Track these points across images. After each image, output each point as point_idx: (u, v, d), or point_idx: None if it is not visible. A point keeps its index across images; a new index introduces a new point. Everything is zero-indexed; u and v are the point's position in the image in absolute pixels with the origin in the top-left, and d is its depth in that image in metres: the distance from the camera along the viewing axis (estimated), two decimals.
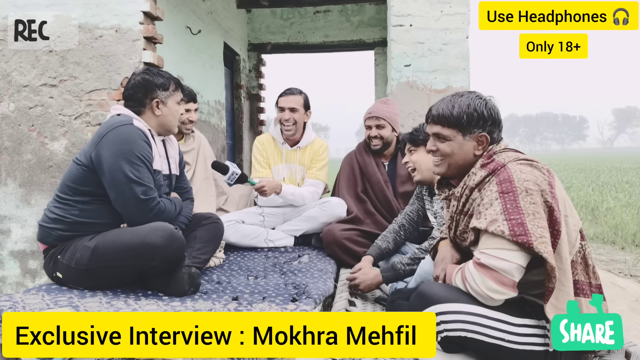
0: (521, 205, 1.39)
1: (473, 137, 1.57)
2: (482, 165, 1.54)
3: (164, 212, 2.09)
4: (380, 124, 2.96)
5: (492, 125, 1.57)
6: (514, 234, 1.36)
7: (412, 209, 2.51)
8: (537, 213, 1.39)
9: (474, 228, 1.48)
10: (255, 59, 7.14)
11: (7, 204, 3.34)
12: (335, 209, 2.99)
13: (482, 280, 1.39)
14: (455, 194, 1.61)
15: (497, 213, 1.41)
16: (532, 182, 1.42)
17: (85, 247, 2.00)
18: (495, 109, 1.58)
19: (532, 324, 1.42)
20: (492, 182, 1.48)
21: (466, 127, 1.56)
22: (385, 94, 4.24)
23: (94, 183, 2.05)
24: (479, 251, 1.44)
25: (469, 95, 1.59)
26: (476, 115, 1.55)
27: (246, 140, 6.89)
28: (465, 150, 1.58)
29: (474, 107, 1.55)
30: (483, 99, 1.58)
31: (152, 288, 2.08)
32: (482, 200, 1.48)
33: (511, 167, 1.48)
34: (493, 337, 1.41)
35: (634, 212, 7.53)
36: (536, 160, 1.52)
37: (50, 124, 3.29)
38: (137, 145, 2.03)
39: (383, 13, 6.57)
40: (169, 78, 2.23)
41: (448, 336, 1.46)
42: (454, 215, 1.63)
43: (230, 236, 2.98)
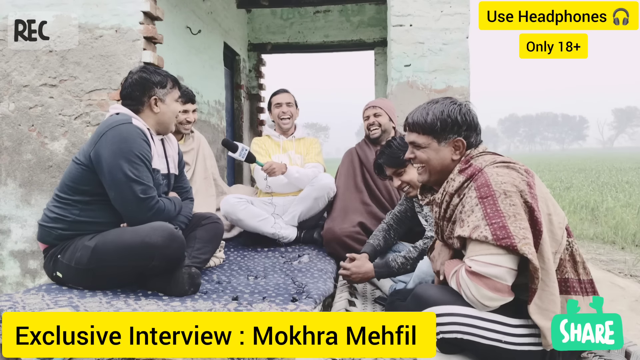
0: (501, 208, 1.40)
1: (449, 143, 1.58)
2: (459, 170, 1.55)
3: (164, 211, 2.09)
4: (377, 112, 3.10)
5: (467, 130, 1.58)
6: (497, 238, 1.37)
7: (401, 210, 2.51)
8: (518, 214, 1.39)
9: (458, 237, 1.49)
10: (255, 59, 7.13)
11: (7, 204, 3.34)
12: (322, 180, 3.11)
13: (477, 289, 1.39)
14: (436, 199, 1.62)
15: (478, 219, 1.42)
16: (509, 184, 1.43)
17: (86, 246, 2.00)
18: (470, 114, 1.59)
19: (529, 324, 1.42)
20: (471, 188, 1.48)
21: (440, 133, 1.58)
22: (386, 94, 4.24)
23: (94, 182, 2.05)
24: (469, 258, 1.44)
25: (443, 102, 1.60)
26: (450, 121, 1.56)
27: (246, 140, 6.89)
28: (442, 156, 1.60)
29: (447, 114, 1.57)
30: (457, 105, 1.59)
31: (152, 288, 2.08)
32: (463, 207, 1.49)
33: (488, 170, 1.48)
34: (490, 339, 1.41)
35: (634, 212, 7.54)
36: (514, 162, 1.52)
37: (50, 124, 3.29)
38: (136, 144, 2.02)
39: (383, 13, 6.57)
40: (166, 76, 2.23)
41: (445, 338, 1.46)
42: (437, 221, 1.64)
43: (240, 212, 3.05)
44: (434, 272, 1.72)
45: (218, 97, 5.70)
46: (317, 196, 3.10)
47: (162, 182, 2.23)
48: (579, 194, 10.24)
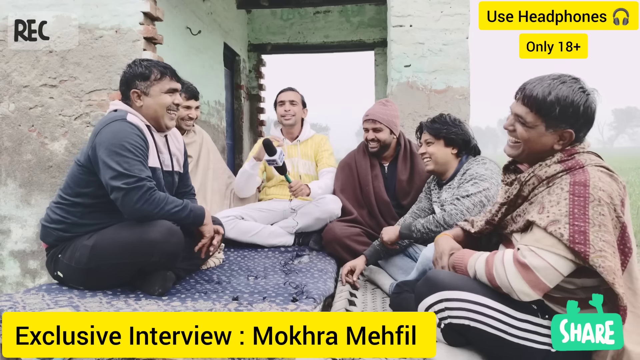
0: (589, 213, 1.31)
1: (557, 132, 1.43)
2: (560, 160, 1.43)
3: (158, 202, 1.98)
4: (377, 127, 2.91)
5: (583, 124, 1.43)
6: (573, 241, 1.30)
7: (420, 207, 2.53)
8: (604, 226, 1.31)
9: (531, 221, 1.40)
10: (255, 59, 7.14)
11: (7, 204, 3.34)
12: (328, 204, 3.00)
13: (517, 279, 1.35)
14: (521, 179, 1.50)
15: (561, 214, 1.34)
16: (607, 194, 1.33)
17: (84, 245, 2.00)
18: (593, 107, 1.41)
19: (535, 322, 1.42)
20: (565, 180, 1.38)
21: (554, 120, 1.41)
22: (385, 95, 4.23)
23: (94, 184, 2.04)
24: (527, 246, 1.36)
25: (571, 85, 1.41)
26: (571, 111, 1.39)
27: (246, 141, 6.89)
28: (544, 141, 1.45)
29: (572, 101, 1.39)
30: (586, 94, 1.41)
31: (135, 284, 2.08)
32: (550, 195, 1.39)
33: (591, 171, 1.38)
34: (495, 328, 1.40)
35: (634, 212, 7.53)
36: (616, 173, 1.41)
37: (50, 124, 3.29)
38: (128, 138, 1.99)
39: (383, 13, 6.57)
40: (151, 66, 2.13)
41: (451, 323, 1.45)
42: (512, 197, 1.52)
43: (230, 232, 2.98)
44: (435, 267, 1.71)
45: (218, 98, 5.71)
46: (319, 217, 3.01)
47: (163, 179, 2.19)
48: None
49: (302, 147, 3.36)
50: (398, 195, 2.97)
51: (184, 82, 3.01)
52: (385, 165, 3.07)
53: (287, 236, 3.13)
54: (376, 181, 2.99)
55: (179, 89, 2.21)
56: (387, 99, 3.13)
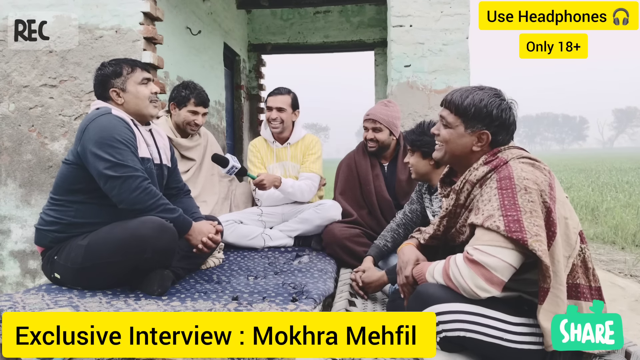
0: (519, 202, 1.39)
1: (475, 133, 1.56)
2: (485, 161, 1.54)
3: (153, 194, 2.01)
4: (377, 127, 2.90)
5: (498, 126, 1.55)
6: (509, 230, 1.36)
7: (412, 209, 2.51)
8: (535, 211, 1.39)
9: (470, 224, 1.48)
10: (255, 59, 7.14)
11: (7, 204, 3.34)
12: (328, 211, 2.98)
13: (471, 276, 1.39)
14: (455, 187, 1.61)
15: (494, 208, 1.41)
16: (531, 181, 1.42)
17: (79, 245, 2.01)
18: (508, 112, 1.55)
19: (530, 323, 1.42)
20: (493, 179, 1.48)
21: (471, 120, 1.55)
22: (386, 95, 4.23)
23: (85, 179, 2.04)
24: (472, 247, 1.43)
25: (488, 92, 1.57)
26: (485, 112, 1.53)
27: (246, 141, 6.89)
28: (463, 142, 1.58)
29: (485, 104, 1.54)
30: (500, 99, 1.56)
31: (131, 285, 2.08)
32: (482, 196, 1.48)
33: (513, 164, 1.48)
34: (491, 337, 1.41)
35: (634, 212, 7.53)
36: (539, 160, 1.52)
37: (50, 124, 3.29)
38: (117, 130, 2.02)
39: (383, 13, 6.57)
40: (120, 62, 2.19)
41: (447, 336, 1.45)
42: (450, 208, 1.62)
43: (229, 236, 2.97)
44: (399, 283, 1.68)
45: (218, 98, 5.71)
46: (320, 224, 3.00)
47: (155, 172, 2.20)
48: (579, 194, 10.22)
49: (292, 150, 3.28)
50: (398, 195, 2.96)
51: (196, 87, 3.01)
52: (385, 165, 3.07)
53: (286, 239, 3.13)
54: (377, 180, 2.98)
55: (151, 78, 2.26)
56: (389, 100, 3.12)
